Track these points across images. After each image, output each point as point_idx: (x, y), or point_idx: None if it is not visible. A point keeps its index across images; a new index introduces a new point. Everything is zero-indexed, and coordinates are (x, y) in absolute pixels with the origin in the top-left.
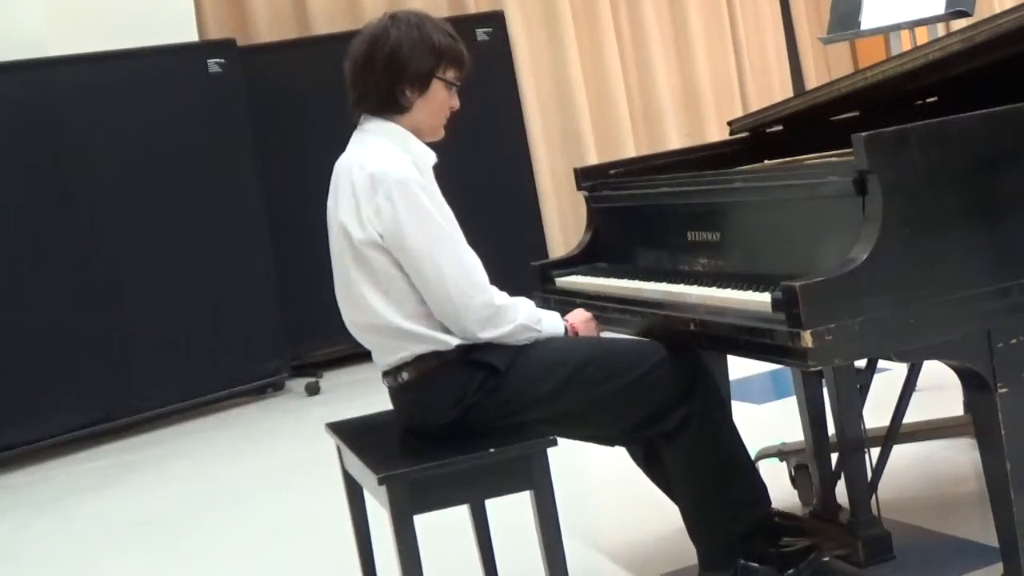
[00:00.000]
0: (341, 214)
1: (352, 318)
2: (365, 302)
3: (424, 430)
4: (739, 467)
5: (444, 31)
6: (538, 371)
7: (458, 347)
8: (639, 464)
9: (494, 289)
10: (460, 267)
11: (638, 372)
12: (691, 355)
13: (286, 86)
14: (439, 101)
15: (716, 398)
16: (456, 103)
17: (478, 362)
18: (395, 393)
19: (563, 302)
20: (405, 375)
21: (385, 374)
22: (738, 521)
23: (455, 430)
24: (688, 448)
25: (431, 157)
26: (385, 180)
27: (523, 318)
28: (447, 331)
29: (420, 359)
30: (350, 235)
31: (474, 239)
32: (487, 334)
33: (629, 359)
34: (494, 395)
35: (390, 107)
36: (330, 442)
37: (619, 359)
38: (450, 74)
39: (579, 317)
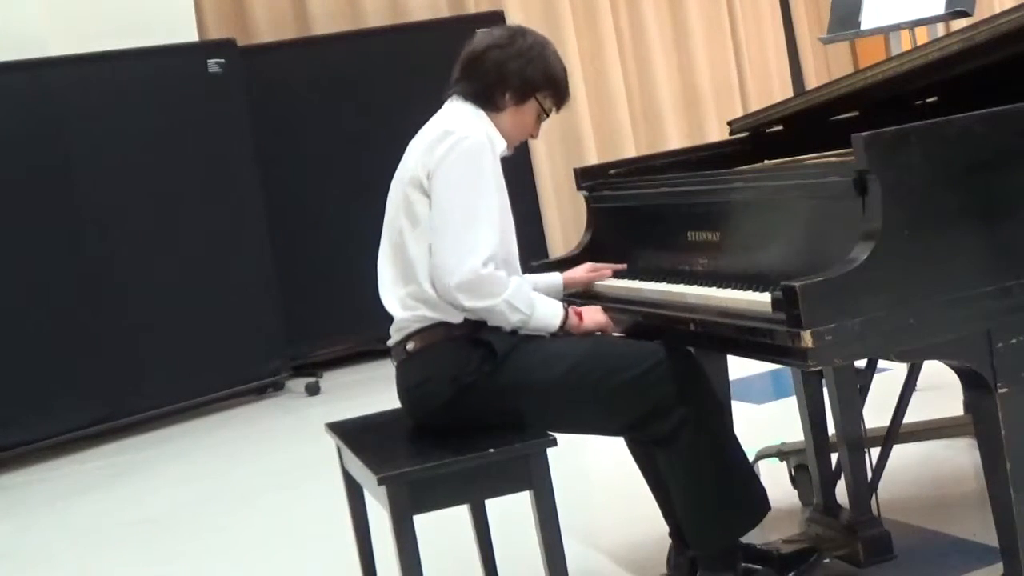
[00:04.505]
0: (408, 172)
1: (394, 289)
2: (408, 258)
3: (422, 411)
4: (737, 471)
5: (561, 65)
6: (536, 362)
7: (466, 321)
8: (632, 454)
9: (491, 264)
10: (471, 230)
11: (635, 372)
12: (689, 359)
13: (286, 86)
14: (527, 120)
15: (713, 403)
16: (537, 134)
17: (479, 341)
18: (399, 369)
19: (563, 302)
20: (412, 344)
21: (395, 347)
22: (737, 525)
23: (451, 412)
24: (684, 452)
25: (503, 146)
26: (455, 133)
27: (509, 295)
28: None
29: (428, 329)
30: (404, 179)
31: None
32: (469, 302)
33: (627, 358)
34: (490, 379)
35: (484, 101)
36: (330, 442)
37: (617, 358)
38: (548, 103)
39: (590, 307)
